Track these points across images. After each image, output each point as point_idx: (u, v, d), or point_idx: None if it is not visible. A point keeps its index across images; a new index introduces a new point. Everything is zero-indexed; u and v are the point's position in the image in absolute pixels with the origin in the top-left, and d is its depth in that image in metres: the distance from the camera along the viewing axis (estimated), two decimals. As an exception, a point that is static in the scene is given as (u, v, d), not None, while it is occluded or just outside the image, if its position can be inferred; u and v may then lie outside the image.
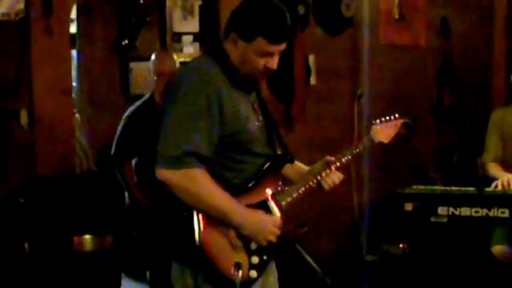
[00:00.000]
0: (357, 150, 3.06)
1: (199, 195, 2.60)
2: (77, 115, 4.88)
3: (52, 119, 4.25)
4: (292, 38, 2.65)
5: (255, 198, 2.74)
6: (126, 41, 5.04)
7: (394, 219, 4.46)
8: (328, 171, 2.93)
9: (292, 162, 2.92)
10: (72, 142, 4.43)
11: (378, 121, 3.19)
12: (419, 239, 4.37)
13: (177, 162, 2.57)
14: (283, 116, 5.40)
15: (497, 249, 4.40)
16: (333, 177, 2.96)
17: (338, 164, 2.97)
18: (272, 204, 2.77)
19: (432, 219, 4.17)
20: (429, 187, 4.49)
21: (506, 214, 4.08)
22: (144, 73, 4.90)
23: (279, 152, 2.88)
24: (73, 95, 4.73)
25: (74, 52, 4.96)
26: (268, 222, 2.70)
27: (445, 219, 4.16)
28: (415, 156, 5.94)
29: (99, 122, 5.06)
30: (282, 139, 2.91)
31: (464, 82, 6.07)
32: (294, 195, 2.83)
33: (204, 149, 2.59)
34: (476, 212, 4.12)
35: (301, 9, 5.40)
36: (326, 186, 2.94)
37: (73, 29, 4.92)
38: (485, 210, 4.10)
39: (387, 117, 3.22)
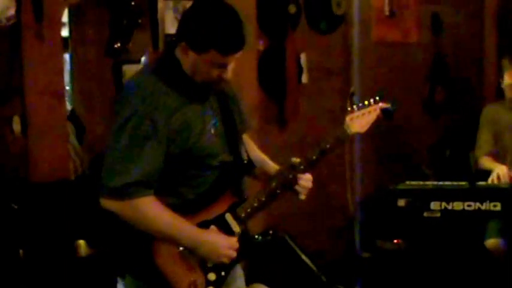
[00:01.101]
0: (328, 146, 2.79)
1: (146, 224, 2.50)
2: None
3: (45, 124, 4.24)
4: (243, 47, 2.53)
5: (211, 214, 2.62)
6: (119, 44, 5.04)
7: (388, 215, 4.49)
8: (294, 176, 2.74)
9: (251, 167, 2.74)
10: (66, 147, 4.42)
11: (354, 107, 2.84)
12: (413, 235, 4.40)
13: (120, 194, 2.46)
14: (276, 115, 5.42)
15: (491, 243, 4.42)
16: (304, 183, 2.77)
17: (306, 166, 2.75)
18: (230, 218, 2.64)
19: (425, 215, 4.20)
20: (421, 183, 4.51)
21: (499, 207, 4.11)
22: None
23: (243, 156, 2.71)
24: (66, 99, 4.74)
25: (66, 56, 4.95)
26: (222, 245, 2.57)
27: (438, 214, 4.18)
28: (408, 152, 5.96)
29: (93, 126, 5.06)
30: (241, 143, 2.74)
31: (456, 78, 6.09)
32: (255, 205, 2.67)
33: (150, 174, 2.47)
34: (469, 206, 4.15)
35: (292, 8, 5.40)
36: (302, 197, 2.78)
37: (65, 32, 4.92)
38: (477, 204, 4.13)
39: (366, 102, 2.87)
